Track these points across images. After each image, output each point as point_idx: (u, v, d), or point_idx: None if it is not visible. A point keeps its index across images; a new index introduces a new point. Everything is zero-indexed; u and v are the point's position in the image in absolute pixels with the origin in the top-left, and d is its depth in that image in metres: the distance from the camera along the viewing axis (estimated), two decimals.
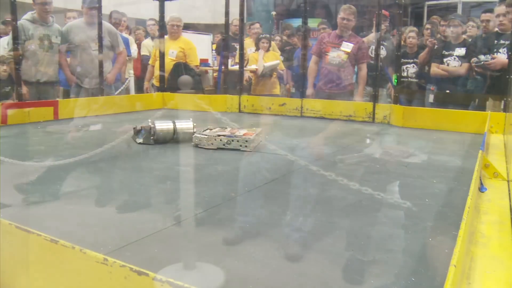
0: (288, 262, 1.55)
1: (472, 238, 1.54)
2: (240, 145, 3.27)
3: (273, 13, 12.54)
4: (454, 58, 5.31)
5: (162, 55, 6.20)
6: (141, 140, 3.53)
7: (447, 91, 5.38)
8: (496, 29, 5.05)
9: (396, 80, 4.99)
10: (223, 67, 6.27)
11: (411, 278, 1.42)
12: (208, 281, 1.41)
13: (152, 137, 3.50)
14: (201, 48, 7.39)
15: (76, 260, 1.05)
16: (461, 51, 5.28)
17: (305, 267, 1.51)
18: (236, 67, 6.17)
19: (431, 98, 5.66)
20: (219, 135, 3.36)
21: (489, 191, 2.13)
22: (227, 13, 5.82)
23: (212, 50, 9.31)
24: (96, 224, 1.83)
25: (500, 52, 4.88)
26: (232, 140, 3.31)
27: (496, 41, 4.95)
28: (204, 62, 7.26)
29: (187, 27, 8.62)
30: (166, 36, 6.34)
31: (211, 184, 2.46)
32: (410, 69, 5.84)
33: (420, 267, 1.50)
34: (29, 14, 5.03)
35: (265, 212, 2.05)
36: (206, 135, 3.37)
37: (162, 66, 6.21)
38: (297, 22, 8.98)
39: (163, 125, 3.53)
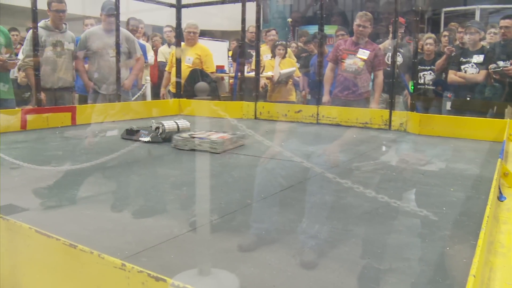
0: (303, 269, 1.54)
1: (491, 248, 1.52)
2: (210, 147, 3.44)
3: (289, 20, 12.56)
4: (472, 65, 5.26)
5: (178, 62, 6.25)
6: (148, 139, 3.82)
7: (465, 98, 5.33)
8: None
9: (412, 87, 4.95)
10: (239, 73, 6.29)
11: (428, 287, 1.40)
12: (223, 287, 1.41)
13: (160, 135, 3.83)
14: (217, 55, 7.43)
15: (94, 265, 1.06)
16: (479, 58, 5.23)
17: (321, 274, 1.50)
18: (252, 74, 6.19)
19: (448, 105, 5.62)
20: (193, 137, 3.55)
21: (508, 200, 2.10)
22: (243, 20, 5.84)
23: (228, 56, 9.36)
24: (113, 229, 1.84)
25: None
26: (203, 142, 3.46)
27: None
28: (220, 68, 7.31)
29: (204, 33, 8.68)
30: (182, 43, 6.39)
31: (227, 191, 2.46)
32: (427, 76, 5.80)
33: (437, 277, 1.48)
34: (43, 21, 5.11)
35: (281, 219, 2.05)
36: (182, 137, 3.57)
37: (178, 73, 6.25)
38: (313, 29, 9.00)
39: (169, 124, 3.92)
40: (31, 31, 5.02)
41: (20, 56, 5.53)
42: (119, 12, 5.50)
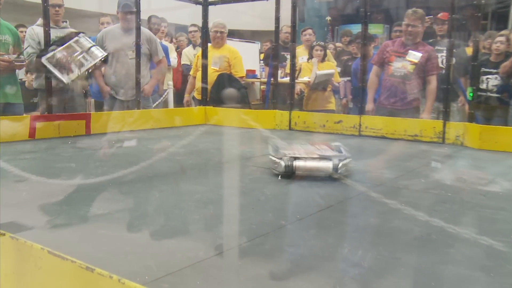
0: None
1: None
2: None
3: (328, 18, 12.56)
4: None
5: (204, 66, 6.30)
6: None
7: None
8: None
9: (471, 94, 4.86)
10: (272, 79, 6.31)
11: None
12: None
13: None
14: (247, 58, 7.47)
15: None
16: None
17: None
18: (287, 79, 6.20)
19: None
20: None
21: None
22: (277, 19, 5.87)
23: (260, 60, 9.41)
24: (131, 251, 1.86)
25: None
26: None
27: None
28: (250, 73, 7.34)
29: (232, 34, 8.76)
30: (209, 44, 6.45)
31: (259, 210, 2.46)
32: (492, 81, 5.66)
33: None
34: (41, 20, 5.21)
35: (319, 244, 2.03)
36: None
37: (204, 78, 6.31)
38: (354, 29, 8.98)
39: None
40: (30, 28, 5.15)
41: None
42: (139, 9, 5.58)
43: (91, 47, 5.11)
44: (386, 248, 1.98)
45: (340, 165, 2.96)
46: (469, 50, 5.82)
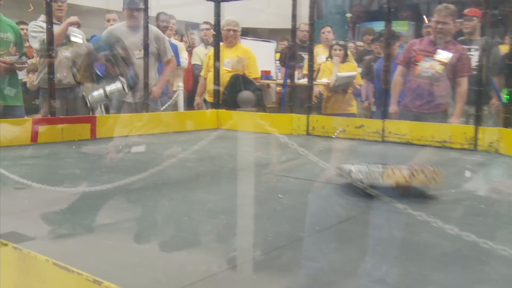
0: None
1: None
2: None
3: (349, 15, 12.56)
4: None
5: (216, 66, 6.31)
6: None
7: None
8: None
9: (507, 96, 4.80)
10: (288, 80, 6.31)
11: None
12: None
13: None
14: (262, 58, 7.48)
15: None
16: None
17: None
18: (304, 81, 6.19)
19: None
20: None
21: None
22: (294, 16, 5.86)
23: (276, 60, 9.42)
24: (139, 264, 1.87)
25: None
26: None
27: None
28: (266, 74, 7.35)
29: (246, 32, 8.78)
30: (221, 44, 6.47)
31: (275, 221, 2.46)
32: None
33: None
34: (43, 16, 5.25)
35: (339, 258, 2.03)
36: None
37: (216, 79, 6.31)
38: (377, 26, 8.96)
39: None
40: (33, 22, 5.19)
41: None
42: (147, 6, 5.62)
43: None
44: (413, 263, 1.97)
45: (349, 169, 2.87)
46: (503, 48, 5.77)
